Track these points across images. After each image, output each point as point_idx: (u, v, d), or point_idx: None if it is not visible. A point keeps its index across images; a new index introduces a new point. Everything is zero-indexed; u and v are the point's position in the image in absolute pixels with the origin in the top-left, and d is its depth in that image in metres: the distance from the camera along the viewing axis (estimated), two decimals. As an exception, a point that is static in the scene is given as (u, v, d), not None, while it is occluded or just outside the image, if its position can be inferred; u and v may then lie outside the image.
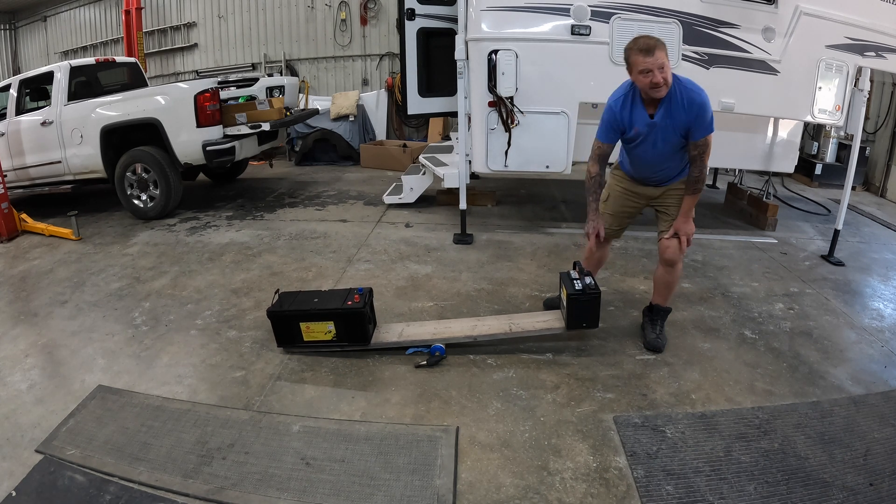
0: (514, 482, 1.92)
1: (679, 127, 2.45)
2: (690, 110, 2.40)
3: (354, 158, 7.75)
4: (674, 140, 2.50)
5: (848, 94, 3.86)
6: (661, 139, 2.51)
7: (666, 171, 2.65)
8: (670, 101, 2.41)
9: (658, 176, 2.68)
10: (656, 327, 2.82)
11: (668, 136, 2.48)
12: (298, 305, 2.69)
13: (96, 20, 9.58)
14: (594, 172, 2.69)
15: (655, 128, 2.48)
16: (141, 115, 4.90)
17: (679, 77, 2.45)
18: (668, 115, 2.44)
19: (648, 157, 2.60)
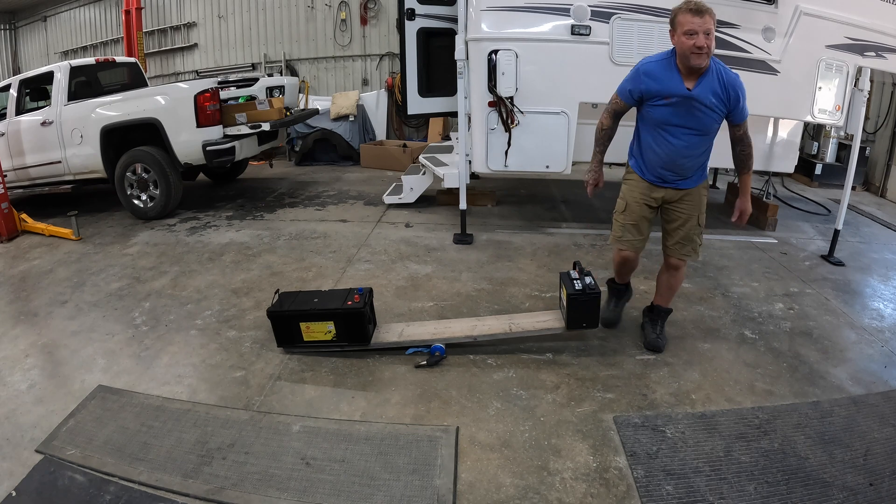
0: (514, 482, 1.92)
1: (717, 105, 2.33)
2: (732, 89, 2.31)
3: (354, 158, 7.75)
4: (707, 121, 2.37)
5: (848, 94, 3.86)
6: (694, 117, 2.37)
7: (688, 163, 2.49)
8: (710, 76, 2.30)
9: (677, 170, 2.52)
10: (657, 327, 2.80)
11: (703, 115, 2.35)
12: (298, 305, 2.69)
13: (96, 20, 9.58)
14: (606, 125, 2.61)
15: (691, 102, 2.34)
16: (141, 115, 4.90)
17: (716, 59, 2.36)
18: (707, 90, 2.31)
19: (675, 140, 2.44)
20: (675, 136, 2.44)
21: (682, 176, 2.54)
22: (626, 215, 2.67)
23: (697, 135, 2.42)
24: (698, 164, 2.53)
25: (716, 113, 2.35)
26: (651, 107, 2.46)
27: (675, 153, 2.47)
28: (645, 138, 2.55)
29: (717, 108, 2.34)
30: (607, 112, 2.60)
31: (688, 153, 2.47)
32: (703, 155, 2.52)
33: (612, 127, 2.63)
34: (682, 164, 2.51)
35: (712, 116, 2.36)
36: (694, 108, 2.34)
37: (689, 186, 2.56)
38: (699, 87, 2.31)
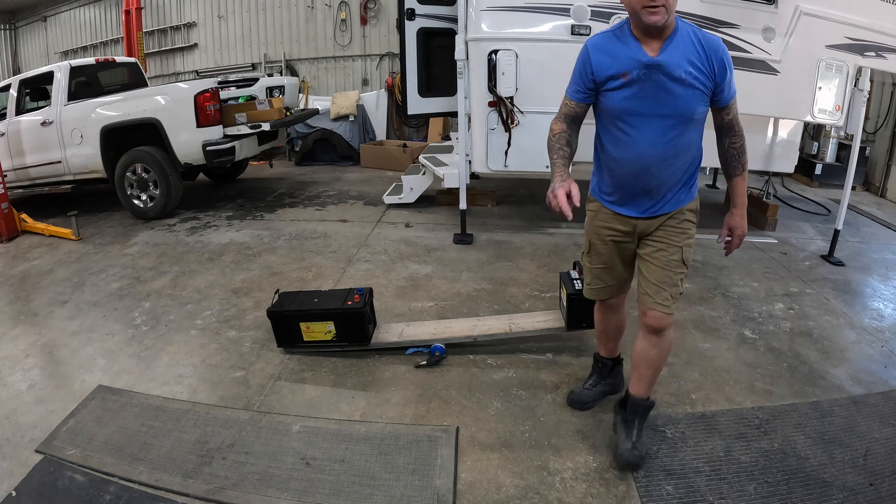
0: (514, 482, 1.92)
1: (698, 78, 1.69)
2: (716, 56, 1.70)
3: (354, 158, 7.75)
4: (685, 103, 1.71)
5: (848, 94, 3.86)
6: (665, 98, 1.70)
7: (664, 171, 1.79)
8: (681, 40, 1.69)
9: (650, 185, 1.82)
10: (632, 432, 1.97)
11: (679, 93, 1.69)
12: (298, 305, 2.69)
13: (96, 20, 9.58)
14: (557, 129, 1.87)
15: (658, 75, 1.68)
16: (141, 115, 4.90)
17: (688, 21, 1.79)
18: (679, 57, 1.68)
19: (642, 135, 1.75)
20: (642, 130, 1.76)
21: (658, 196, 1.85)
22: (592, 257, 2.05)
23: (674, 125, 1.74)
24: (680, 172, 1.84)
25: (696, 89, 1.70)
26: (606, 95, 1.79)
27: (643, 155, 1.77)
28: (604, 145, 1.89)
29: (697, 83, 1.70)
30: (557, 118, 1.90)
31: (663, 154, 1.77)
32: (685, 157, 1.82)
33: (566, 130, 1.87)
34: (657, 175, 1.80)
35: (692, 95, 1.71)
36: (664, 85, 1.69)
37: (668, 210, 1.87)
38: (666, 54, 1.68)
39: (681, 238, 1.89)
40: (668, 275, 1.87)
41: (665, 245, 1.88)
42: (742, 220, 1.96)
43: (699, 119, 1.80)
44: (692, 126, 1.79)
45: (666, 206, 1.87)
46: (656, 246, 1.90)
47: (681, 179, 1.87)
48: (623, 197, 1.90)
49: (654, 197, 1.86)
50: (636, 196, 1.87)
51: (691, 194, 1.92)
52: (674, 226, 1.89)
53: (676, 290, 1.88)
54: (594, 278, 2.07)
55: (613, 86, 1.76)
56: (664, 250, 1.88)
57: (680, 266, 1.88)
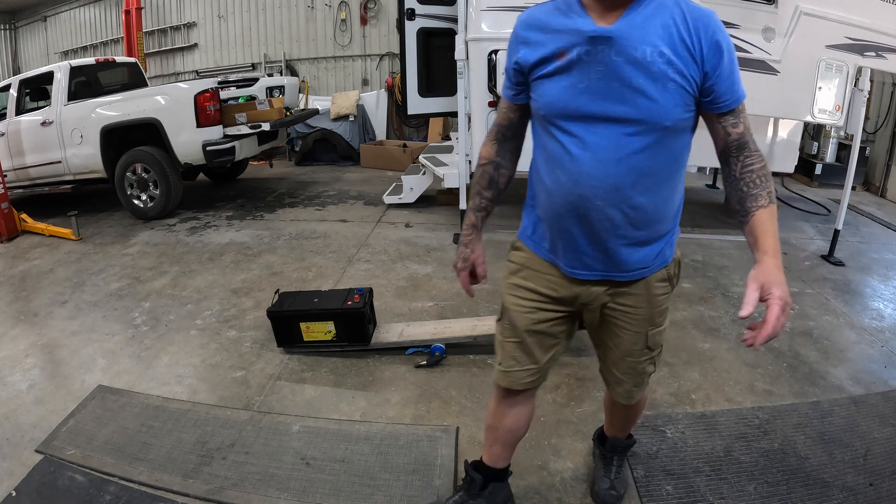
0: (513, 482, 1.91)
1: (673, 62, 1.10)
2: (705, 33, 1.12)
3: (354, 158, 7.75)
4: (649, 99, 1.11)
5: (848, 94, 3.86)
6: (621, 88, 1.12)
7: (623, 211, 1.20)
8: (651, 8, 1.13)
9: (602, 230, 1.22)
10: (611, 469, 1.81)
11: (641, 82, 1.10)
12: (298, 305, 2.69)
13: (96, 20, 9.58)
14: (483, 157, 1.45)
15: (611, 50, 1.11)
16: (141, 115, 4.90)
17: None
18: (644, 29, 1.11)
19: (590, 151, 1.16)
20: (585, 140, 1.16)
21: (609, 252, 1.25)
22: (506, 328, 1.45)
23: (635, 135, 1.14)
24: (649, 215, 1.22)
25: (671, 81, 1.10)
26: (538, 87, 1.22)
27: (586, 180, 1.18)
28: (538, 166, 1.31)
29: (672, 70, 1.10)
30: (488, 133, 1.45)
31: (617, 180, 1.16)
32: (658, 191, 1.22)
33: (493, 159, 1.43)
34: (607, 213, 1.19)
35: (665, 89, 1.11)
36: (618, 71, 1.11)
37: (628, 277, 1.29)
38: (623, 23, 1.11)
39: (648, 318, 1.35)
40: (627, 365, 1.43)
41: (622, 329, 1.37)
42: (779, 272, 1.20)
43: (678, 130, 1.16)
44: (667, 141, 1.16)
45: (623, 269, 1.27)
46: (610, 328, 1.39)
47: (650, 227, 1.24)
48: (555, 242, 1.31)
49: (604, 252, 1.25)
50: (576, 246, 1.26)
51: (666, 254, 1.31)
52: (633, 305, 1.33)
53: (642, 377, 1.47)
54: (507, 357, 1.45)
55: (546, 71, 1.19)
56: (620, 336, 1.38)
57: (644, 353, 1.41)
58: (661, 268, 1.33)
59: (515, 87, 1.31)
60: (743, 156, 1.21)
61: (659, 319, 1.38)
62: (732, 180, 1.23)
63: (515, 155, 1.48)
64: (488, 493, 1.65)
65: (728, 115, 1.20)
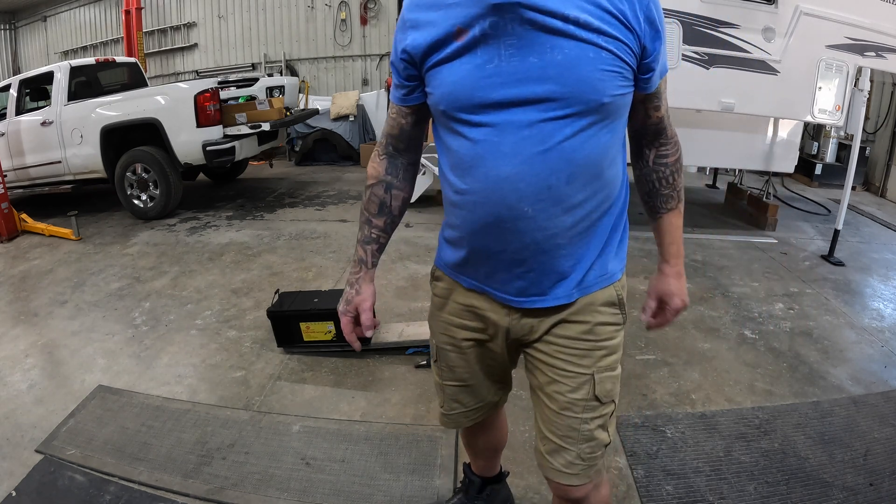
0: (513, 482, 1.92)
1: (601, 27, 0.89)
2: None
3: (354, 158, 7.75)
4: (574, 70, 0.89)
5: (848, 94, 3.86)
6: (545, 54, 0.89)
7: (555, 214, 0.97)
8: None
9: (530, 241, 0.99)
10: None
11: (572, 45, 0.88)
12: (298, 305, 2.69)
13: (96, 20, 9.58)
14: (371, 177, 1.21)
15: (525, 11, 0.88)
16: (141, 115, 4.90)
17: None
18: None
19: (508, 142, 0.93)
20: (502, 129, 0.94)
21: (540, 267, 1.02)
22: (443, 370, 1.27)
23: (563, 114, 0.92)
24: (585, 217, 1.00)
25: (600, 47, 0.90)
26: (434, 78, 0.98)
27: (506, 180, 0.95)
28: (445, 172, 1.06)
29: (604, 37, 0.90)
30: (376, 147, 1.21)
31: (545, 173, 0.94)
32: (595, 184, 0.99)
33: (383, 178, 1.19)
34: (536, 219, 0.97)
35: (598, 55, 0.90)
36: (536, 37, 0.89)
37: (564, 299, 1.05)
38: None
39: (591, 355, 1.07)
40: (567, 424, 1.09)
41: (558, 371, 1.08)
42: (679, 281, 1.14)
43: (616, 109, 0.95)
44: (606, 122, 0.95)
45: (558, 288, 1.03)
46: (546, 372, 1.10)
47: (588, 232, 1.01)
48: (479, 265, 1.07)
49: (537, 271, 1.01)
50: (502, 268, 1.04)
51: (612, 267, 1.07)
52: (569, 336, 1.06)
53: (591, 445, 1.10)
54: (448, 399, 1.29)
55: (442, 56, 0.94)
56: (560, 381, 1.08)
57: (590, 406, 1.08)
58: (608, 284, 1.07)
59: (406, 85, 1.05)
60: (658, 143, 1.10)
61: (609, 360, 1.08)
62: (643, 168, 1.13)
63: (411, 172, 1.20)
64: (486, 496, 1.64)
65: (651, 94, 1.02)
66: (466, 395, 1.29)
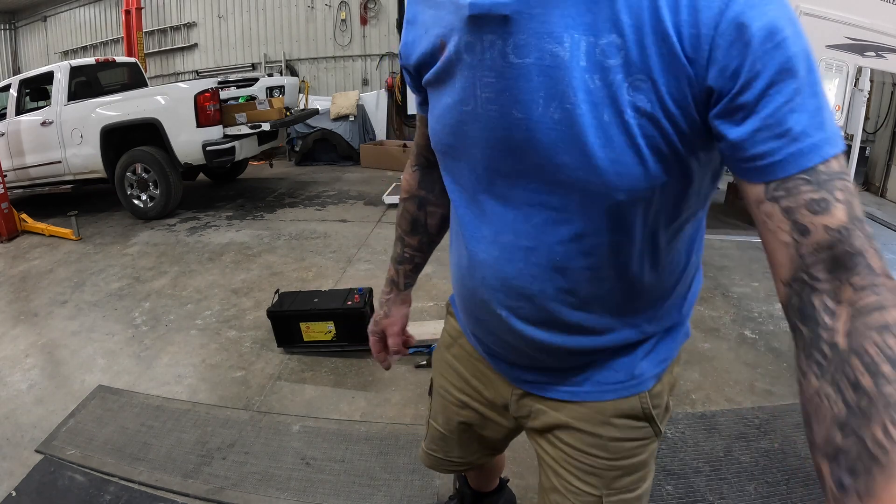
0: (514, 482, 1.91)
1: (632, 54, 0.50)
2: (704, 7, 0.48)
3: (354, 158, 7.74)
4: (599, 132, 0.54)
5: (848, 94, 3.86)
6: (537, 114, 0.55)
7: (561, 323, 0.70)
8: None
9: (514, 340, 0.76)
10: None
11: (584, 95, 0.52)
12: (298, 305, 2.69)
13: (96, 20, 9.58)
14: (405, 191, 1.01)
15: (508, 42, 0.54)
16: (141, 115, 4.90)
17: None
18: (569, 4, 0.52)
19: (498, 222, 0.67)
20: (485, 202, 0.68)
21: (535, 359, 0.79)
22: (432, 406, 1.13)
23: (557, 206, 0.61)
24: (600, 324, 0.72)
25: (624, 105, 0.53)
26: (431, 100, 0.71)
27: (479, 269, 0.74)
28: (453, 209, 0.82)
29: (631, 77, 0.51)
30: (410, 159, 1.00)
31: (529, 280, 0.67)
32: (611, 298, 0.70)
33: (415, 192, 0.99)
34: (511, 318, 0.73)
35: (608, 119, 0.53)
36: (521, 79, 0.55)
37: (564, 396, 0.81)
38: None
39: (601, 475, 0.83)
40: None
41: (565, 483, 0.85)
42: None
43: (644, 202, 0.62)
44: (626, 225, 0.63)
45: (560, 381, 0.81)
46: (549, 476, 0.88)
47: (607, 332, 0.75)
48: (482, 336, 0.88)
49: (527, 357, 0.81)
50: (494, 340, 0.84)
51: (641, 370, 0.79)
52: (582, 448, 0.82)
53: None
54: (430, 439, 1.14)
55: (430, 76, 0.69)
56: (562, 492, 0.85)
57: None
58: (630, 394, 0.79)
59: (418, 92, 0.79)
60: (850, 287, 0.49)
61: (626, 480, 0.84)
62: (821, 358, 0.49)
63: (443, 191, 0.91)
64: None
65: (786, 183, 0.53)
66: (450, 447, 1.10)
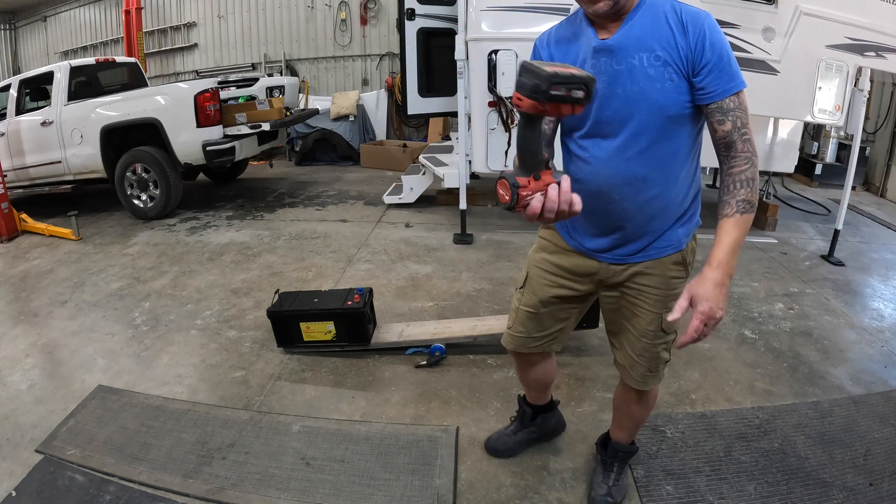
0: (514, 482, 1.92)
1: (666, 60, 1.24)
2: (691, 25, 1.24)
3: (354, 158, 7.75)
4: (651, 90, 1.25)
5: (848, 94, 3.86)
6: (623, 97, 1.27)
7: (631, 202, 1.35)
8: (645, 16, 1.27)
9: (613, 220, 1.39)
10: (609, 475, 1.80)
11: (640, 87, 1.25)
12: (298, 305, 2.69)
13: (96, 20, 9.58)
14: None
15: (610, 62, 1.27)
16: (141, 115, 4.90)
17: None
18: (639, 36, 1.26)
19: (597, 154, 1.33)
20: (597, 147, 1.33)
21: (625, 236, 1.41)
22: (525, 295, 1.62)
23: (640, 130, 1.28)
24: (659, 203, 1.36)
25: (665, 80, 1.25)
26: None
27: (600, 181, 1.34)
28: (563, 160, 1.47)
29: (674, 69, 1.24)
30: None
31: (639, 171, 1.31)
32: (666, 181, 1.34)
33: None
34: (621, 207, 1.36)
35: (667, 86, 1.25)
36: (619, 77, 1.26)
37: (641, 258, 1.43)
38: (621, 35, 1.27)
39: (661, 300, 1.44)
40: (643, 346, 1.51)
41: (639, 309, 1.48)
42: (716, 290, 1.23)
43: (679, 120, 1.28)
44: (669, 133, 1.28)
45: (637, 248, 1.41)
46: (628, 308, 1.50)
47: (664, 212, 1.38)
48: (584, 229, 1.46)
49: (621, 234, 1.40)
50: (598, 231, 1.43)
51: (679, 237, 1.42)
52: (648, 285, 1.44)
53: (657, 362, 1.52)
54: (517, 322, 1.64)
55: None
56: (638, 316, 1.48)
57: (659, 335, 1.48)
58: (676, 251, 1.44)
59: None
60: (729, 156, 1.28)
61: (669, 304, 1.41)
62: (721, 178, 1.33)
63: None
64: (539, 422, 1.99)
65: (715, 109, 1.26)
66: (534, 323, 1.61)
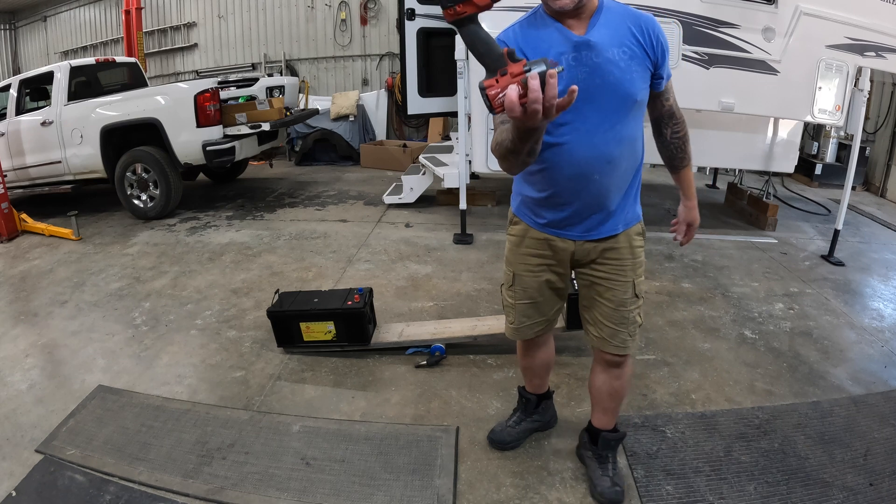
0: (514, 482, 1.92)
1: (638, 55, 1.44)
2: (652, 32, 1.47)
3: (354, 158, 7.75)
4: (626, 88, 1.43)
5: (848, 94, 3.86)
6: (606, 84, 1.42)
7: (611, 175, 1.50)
8: (609, 16, 1.45)
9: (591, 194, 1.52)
10: (608, 466, 1.86)
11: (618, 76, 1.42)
12: (298, 305, 2.69)
13: (96, 20, 9.58)
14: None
15: (593, 53, 1.41)
16: (141, 115, 4.90)
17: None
18: (612, 34, 1.43)
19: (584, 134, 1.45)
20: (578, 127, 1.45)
21: (603, 214, 1.56)
22: (517, 292, 1.76)
23: (613, 112, 1.45)
24: (625, 179, 1.55)
25: (632, 71, 1.44)
26: None
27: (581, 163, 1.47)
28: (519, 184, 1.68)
29: (638, 62, 1.44)
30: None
31: (607, 153, 1.47)
32: (630, 157, 1.54)
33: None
34: (601, 185, 1.51)
35: (634, 76, 1.44)
36: (598, 68, 1.41)
37: (612, 232, 1.59)
38: (597, 32, 1.42)
39: (632, 268, 1.63)
40: (621, 315, 1.65)
41: (613, 282, 1.63)
42: (696, 211, 1.79)
43: (641, 104, 1.51)
44: (635, 113, 1.50)
45: (610, 224, 1.58)
46: (603, 283, 1.65)
47: (624, 184, 1.56)
48: (559, 215, 1.59)
49: (594, 209, 1.55)
50: (575, 213, 1.57)
51: (637, 210, 1.65)
52: (619, 257, 1.62)
53: (634, 326, 1.67)
54: (519, 316, 1.79)
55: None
56: (613, 288, 1.64)
57: (634, 301, 1.65)
58: (636, 222, 1.65)
59: None
60: (672, 122, 1.64)
61: (640, 270, 1.66)
62: (663, 143, 1.68)
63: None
64: (541, 410, 2.12)
65: (664, 91, 1.56)
66: (533, 311, 1.77)
